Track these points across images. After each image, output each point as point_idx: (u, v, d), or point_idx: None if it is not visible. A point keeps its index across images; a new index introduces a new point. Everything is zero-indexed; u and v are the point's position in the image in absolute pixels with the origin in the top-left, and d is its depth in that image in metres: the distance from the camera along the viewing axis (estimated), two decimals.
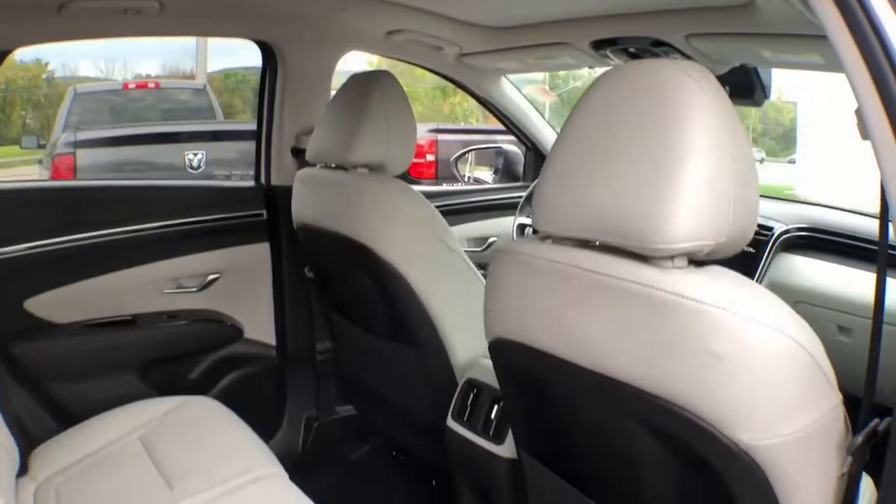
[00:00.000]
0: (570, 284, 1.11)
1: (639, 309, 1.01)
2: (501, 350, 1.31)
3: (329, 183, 1.95)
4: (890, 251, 0.98)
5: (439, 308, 1.78)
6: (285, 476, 1.67)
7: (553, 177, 1.14)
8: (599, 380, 1.10)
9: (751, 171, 1.03)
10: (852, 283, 2.02)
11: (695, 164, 0.97)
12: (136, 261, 2.20)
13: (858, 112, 0.90)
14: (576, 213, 1.09)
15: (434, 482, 2.25)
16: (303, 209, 2.04)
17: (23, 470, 1.70)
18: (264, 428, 1.88)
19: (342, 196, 1.86)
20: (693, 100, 0.99)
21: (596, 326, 1.08)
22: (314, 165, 2.05)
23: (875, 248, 0.91)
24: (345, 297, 2.09)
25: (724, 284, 0.99)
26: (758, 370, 0.95)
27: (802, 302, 2.06)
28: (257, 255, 2.39)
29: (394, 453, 2.46)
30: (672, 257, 1.01)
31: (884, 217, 0.96)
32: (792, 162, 12.14)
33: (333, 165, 1.98)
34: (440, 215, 1.84)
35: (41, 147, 7.59)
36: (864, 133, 0.90)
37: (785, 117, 12.90)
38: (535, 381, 1.28)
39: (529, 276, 1.19)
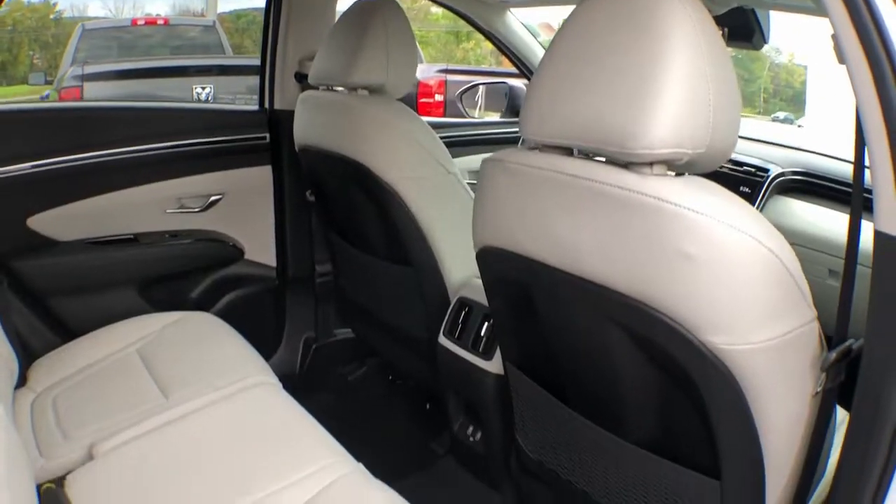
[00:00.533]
0: (555, 190, 1.13)
1: (619, 213, 1.04)
2: (489, 258, 1.34)
3: (330, 104, 1.96)
4: (866, 195, 1.00)
5: (435, 229, 1.81)
6: (279, 386, 1.70)
7: (540, 88, 1.16)
8: (583, 285, 1.12)
9: (731, 87, 1.05)
10: (845, 228, 2.03)
11: (675, 73, 0.99)
12: (140, 180, 2.21)
13: (834, 37, 0.92)
14: (562, 122, 1.12)
15: (428, 405, 2.30)
16: (305, 130, 2.05)
17: (21, 382, 1.73)
18: (263, 348, 1.90)
19: (344, 117, 1.87)
20: (674, 14, 1.01)
21: (579, 231, 1.10)
22: (317, 89, 2.06)
23: (869, 195, 0.93)
24: (345, 218, 2.11)
25: (703, 192, 1.02)
26: (729, 272, 0.98)
27: (795, 244, 2.06)
28: (260, 178, 2.40)
29: (389, 377, 2.51)
30: (651, 164, 1.03)
31: (859, 143, 0.98)
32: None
33: (335, 88, 1.99)
34: (440, 141, 1.86)
35: (48, 83, 7.59)
36: (841, 57, 0.92)
37: (796, 80, 12.73)
38: (520, 289, 1.31)
39: (516, 183, 1.21)
